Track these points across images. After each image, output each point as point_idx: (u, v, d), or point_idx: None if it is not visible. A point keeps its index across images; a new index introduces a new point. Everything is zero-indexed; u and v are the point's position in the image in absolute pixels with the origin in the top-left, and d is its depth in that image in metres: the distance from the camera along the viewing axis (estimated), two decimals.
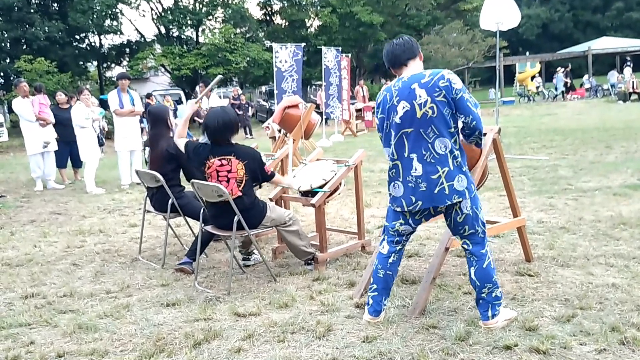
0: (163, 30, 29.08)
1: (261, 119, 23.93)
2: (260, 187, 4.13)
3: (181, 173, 4.65)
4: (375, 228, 5.22)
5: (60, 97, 9.45)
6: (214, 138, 3.87)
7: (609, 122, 13.79)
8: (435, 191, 2.87)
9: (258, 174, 3.94)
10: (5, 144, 17.51)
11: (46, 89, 9.73)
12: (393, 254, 3.14)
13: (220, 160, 3.84)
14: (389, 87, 3.01)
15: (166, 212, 4.50)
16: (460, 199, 2.89)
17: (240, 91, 22.15)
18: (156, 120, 4.69)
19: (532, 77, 28.30)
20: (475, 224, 2.96)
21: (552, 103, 24.09)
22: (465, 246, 3.01)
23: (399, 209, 3.01)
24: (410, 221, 3.05)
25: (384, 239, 3.18)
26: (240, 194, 3.83)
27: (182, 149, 4.10)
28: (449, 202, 2.88)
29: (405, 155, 2.93)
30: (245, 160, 3.84)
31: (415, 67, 3.00)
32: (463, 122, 2.91)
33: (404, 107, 2.89)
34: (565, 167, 7.88)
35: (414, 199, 2.93)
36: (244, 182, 3.84)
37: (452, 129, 2.88)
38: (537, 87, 27.15)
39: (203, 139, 9.28)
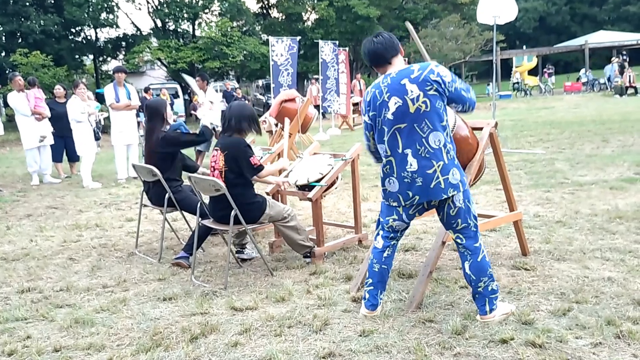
0: (159, 24, 28.93)
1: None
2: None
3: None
4: (372, 222, 5.22)
5: (59, 90, 9.41)
6: (227, 130, 3.93)
7: (606, 116, 13.80)
8: (432, 185, 2.88)
9: (241, 165, 3.83)
10: (1, 138, 17.40)
11: (41, 83, 9.66)
12: (387, 248, 3.15)
13: (215, 151, 3.90)
14: (377, 84, 2.97)
15: (163, 206, 4.49)
16: (455, 192, 2.90)
17: (236, 84, 22.08)
18: (152, 114, 4.67)
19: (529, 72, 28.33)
20: (467, 217, 2.97)
21: (549, 96, 24.09)
22: (458, 240, 3.01)
23: (394, 204, 3.01)
24: (404, 216, 3.05)
25: (378, 234, 3.19)
26: (222, 181, 3.82)
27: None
28: (445, 196, 2.88)
29: (399, 151, 2.92)
30: (225, 151, 3.83)
31: (399, 63, 2.99)
32: (460, 110, 2.96)
33: (395, 103, 2.88)
34: (562, 160, 7.89)
35: (410, 194, 2.93)
36: (223, 172, 3.83)
37: (444, 122, 2.89)
38: (515, 83, 27.24)
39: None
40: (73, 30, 26.51)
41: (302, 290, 3.64)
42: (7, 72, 23.96)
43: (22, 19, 23.70)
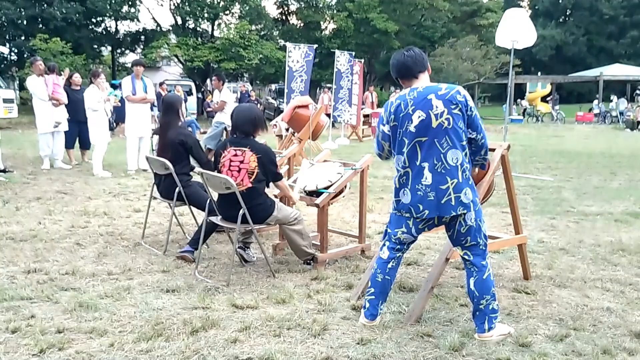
0: (179, 21, 29.15)
1: (269, 117, 23.97)
2: (267, 186, 4.16)
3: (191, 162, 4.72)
4: (376, 233, 5.26)
5: (76, 78, 9.53)
6: (236, 131, 3.99)
7: (615, 149, 13.82)
8: (443, 201, 2.93)
9: (268, 170, 3.98)
10: (15, 120, 17.60)
11: (59, 70, 9.77)
12: (392, 260, 3.19)
13: (235, 150, 3.93)
14: (403, 96, 3.03)
15: (172, 199, 4.55)
16: (465, 211, 2.94)
17: (250, 87, 22.22)
18: (168, 109, 4.75)
19: (545, 98, 28.42)
20: (477, 235, 3.01)
21: (560, 125, 24.11)
22: (466, 257, 3.06)
23: (406, 215, 3.06)
24: (413, 230, 3.09)
25: (384, 245, 3.22)
26: (250, 185, 3.89)
27: None
28: (454, 213, 2.93)
29: (417, 163, 2.98)
30: (259, 154, 3.91)
31: (425, 79, 3.06)
32: (473, 138, 3.01)
33: (419, 117, 2.95)
34: (569, 189, 7.92)
35: (421, 207, 2.98)
36: (255, 174, 3.90)
37: (464, 142, 2.96)
38: (525, 110, 27.39)
39: (212, 130, 9.33)
40: (94, 20, 26.77)
41: (303, 294, 3.68)
42: (25, 56, 24.23)
43: (45, 5, 23.97)
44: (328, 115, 13.62)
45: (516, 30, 9.25)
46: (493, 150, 3.64)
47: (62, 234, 5.02)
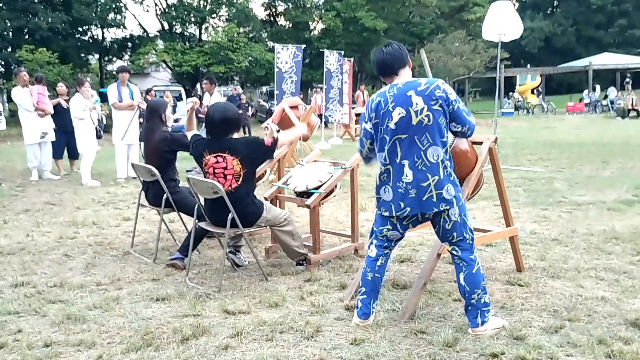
0: (166, 26, 29.08)
1: (260, 119, 23.91)
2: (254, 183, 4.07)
3: (176, 167, 4.67)
4: (369, 232, 5.21)
5: (61, 88, 9.45)
6: (211, 132, 3.88)
7: (607, 138, 13.85)
8: (424, 198, 2.90)
9: (260, 157, 3.89)
10: (3, 133, 17.44)
11: (46, 80, 9.68)
12: (381, 257, 3.17)
13: (215, 157, 3.82)
14: (383, 93, 3.00)
15: (160, 206, 4.50)
16: (448, 207, 2.92)
17: (240, 90, 22.15)
18: (151, 114, 4.72)
19: (533, 90, 28.48)
20: (463, 230, 2.99)
21: (551, 116, 24.18)
22: (454, 252, 3.03)
23: (386, 214, 3.03)
24: (398, 227, 3.07)
25: (371, 243, 3.20)
26: (236, 184, 3.82)
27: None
28: (436, 210, 2.91)
29: (397, 161, 2.95)
30: (239, 156, 3.81)
31: (406, 75, 3.03)
32: (460, 131, 2.99)
33: (399, 114, 2.91)
34: (561, 180, 7.91)
35: (402, 205, 2.95)
36: (242, 175, 3.83)
37: (445, 139, 2.93)
38: (517, 101, 27.47)
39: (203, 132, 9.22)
40: (80, 29, 26.65)
41: (295, 296, 3.64)
42: (12, 67, 24.06)
43: (30, 16, 23.84)
44: (320, 115, 13.62)
45: (503, 23, 9.26)
46: (480, 143, 3.61)
47: (50, 245, 4.96)
